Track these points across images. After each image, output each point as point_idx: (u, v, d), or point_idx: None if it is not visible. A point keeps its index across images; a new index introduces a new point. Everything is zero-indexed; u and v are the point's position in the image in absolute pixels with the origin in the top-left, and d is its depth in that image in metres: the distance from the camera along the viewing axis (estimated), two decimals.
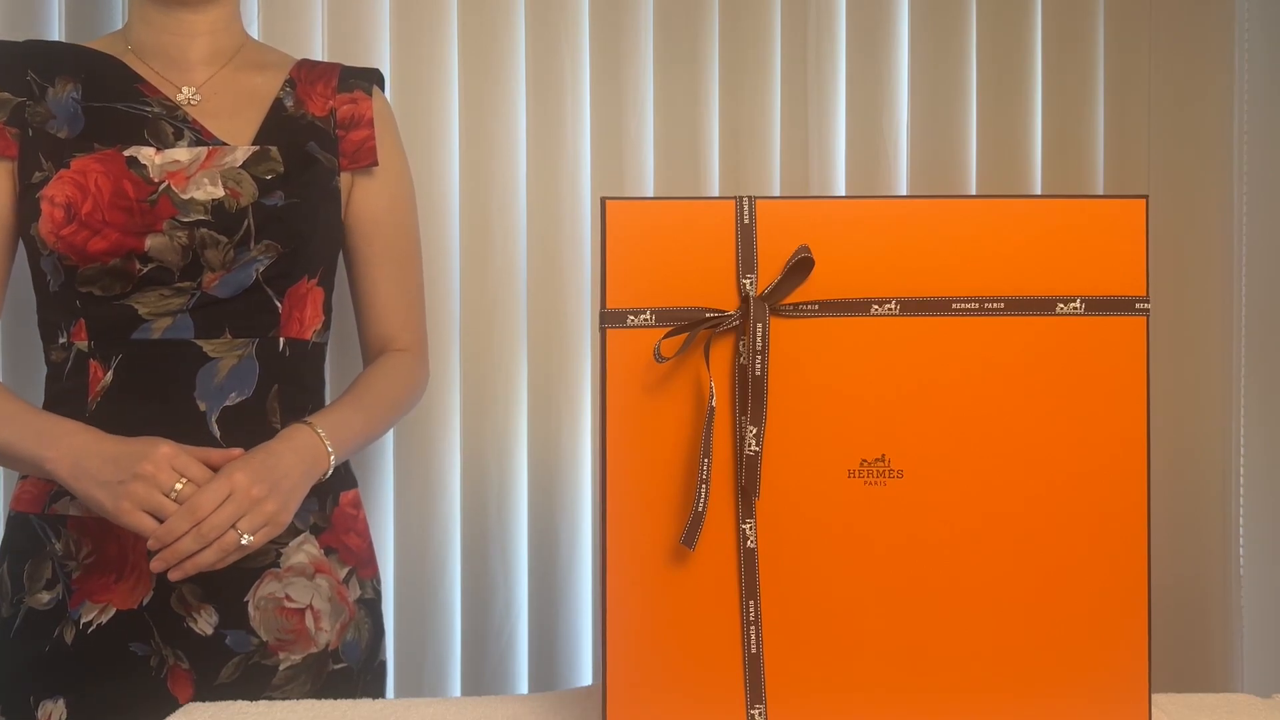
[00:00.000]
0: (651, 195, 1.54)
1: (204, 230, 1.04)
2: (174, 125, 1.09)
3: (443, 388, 1.51)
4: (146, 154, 1.06)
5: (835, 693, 0.75)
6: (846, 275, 0.75)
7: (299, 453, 1.02)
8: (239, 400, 1.07)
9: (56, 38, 1.40)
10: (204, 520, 0.92)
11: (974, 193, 1.59)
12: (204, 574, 1.04)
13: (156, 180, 1.05)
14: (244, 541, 0.94)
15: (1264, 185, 1.63)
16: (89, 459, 0.96)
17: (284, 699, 1.05)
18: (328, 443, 1.05)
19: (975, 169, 1.61)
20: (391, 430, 1.50)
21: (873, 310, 0.75)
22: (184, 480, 0.94)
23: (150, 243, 1.03)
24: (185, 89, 1.12)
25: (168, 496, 0.94)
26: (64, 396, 1.07)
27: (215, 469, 0.97)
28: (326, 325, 1.18)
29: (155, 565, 0.93)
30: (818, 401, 0.75)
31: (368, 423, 1.12)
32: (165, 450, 0.95)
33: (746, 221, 0.74)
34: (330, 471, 1.07)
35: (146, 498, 0.93)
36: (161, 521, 0.93)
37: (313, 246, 1.11)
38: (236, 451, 0.99)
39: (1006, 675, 0.75)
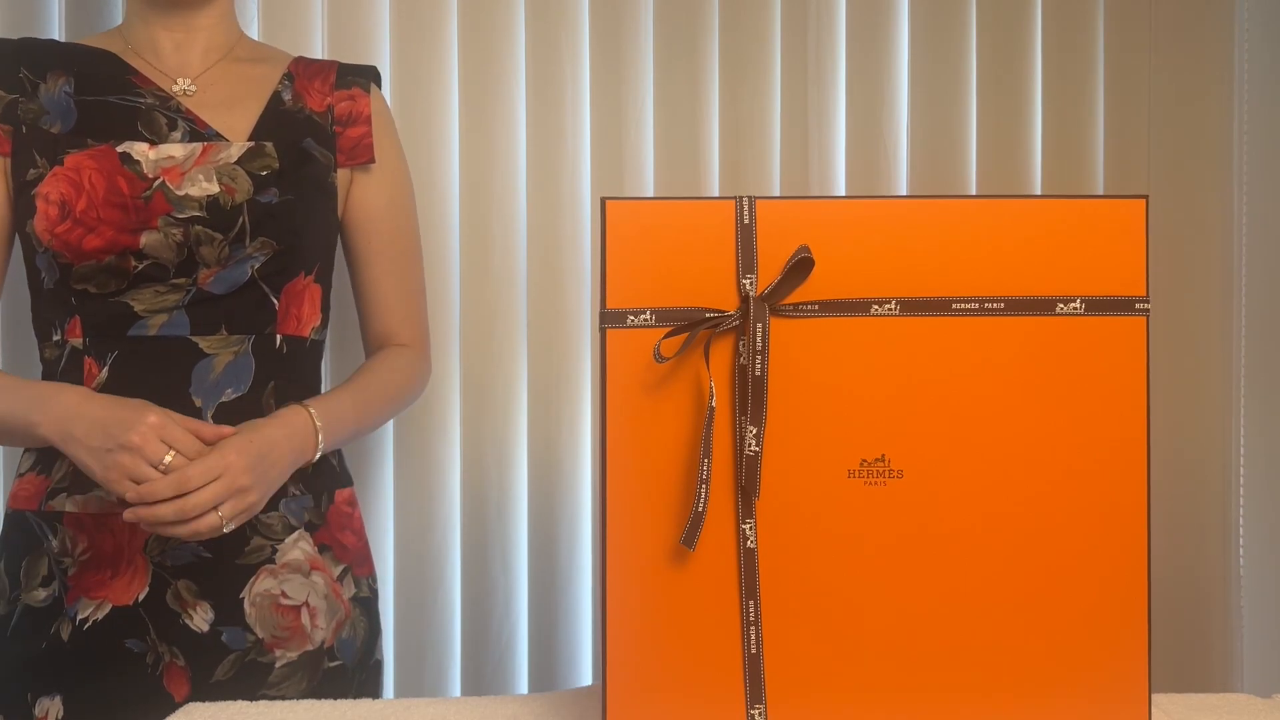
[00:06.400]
0: (651, 195, 1.54)
1: (199, 227, 1.04)
2: (168, 116, 1.09)
3: (443, 388, 1.51)
4: (140, 149, 1.05)
5: (835, 693, 0.75)
6: (846, 275, 0.74)
7: (292, 439, 1.02)
8: (235, 397, 1.07)
9: (55, 37, 1.40)
10: (189, 495, 0.92)
11: (974, 193, 1.59)
12: (199, 570, 1.05)
13: (151, 176, 1.04)
14: (226, 530, 0.94)
15: (1264, 185, 1.63)
16: (76, 423, 0.95)
17: (280, 696, 1.06)
18: (320, 430, 1.05)
19: (975, 169, 1.61)
20: (391, 429, 1.50)
21: (873, 310, 0.75)
22: (173, 453, 0.94)
23: (145, 239, 1.03)
24: (180, 80, 1.12)
25: (156, 468, 0.93)
26: None
27: (206, 443, 0.97)
28: (325, 323, 1.18)
29: (127, 515, 0.93)
30: (818, 401, 0.74)
31: (362, 414, 1.12)
32: (153, 420, 0.94)
33: (746, 221, 0.74)
34: (316, 458, 1.07)
35: (133, 469, 0.93)
36: None
37: (308, 243, 1.11)
38: (228, 430, 0.98)
39: (1006, 675, 0.75)
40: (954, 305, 0.75)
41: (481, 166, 1.51)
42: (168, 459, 0.93)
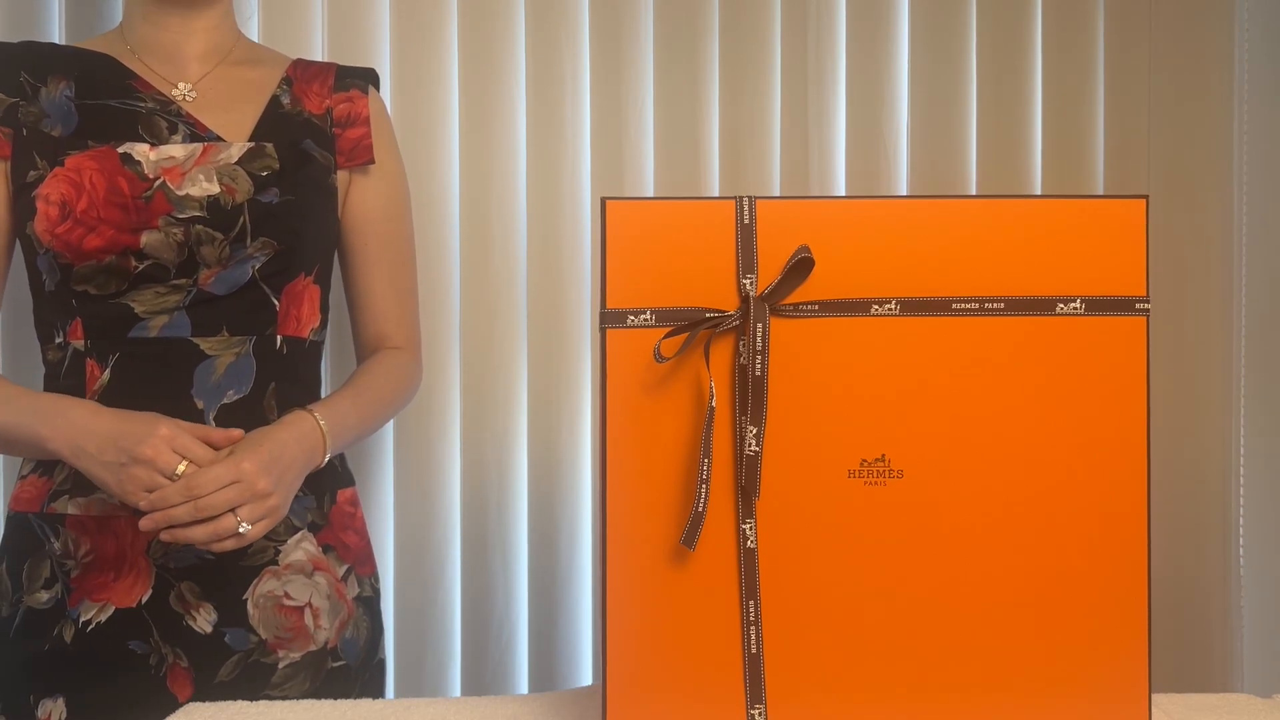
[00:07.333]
0: (651, 195, 1.54)
1: (199, 227, 1.04)
2: (168, 120, 1.09)
3: (443, 388, 1.51)
4: (141, 150, 1.06)
5: (835, 693, 0.75)
6: (846, 275, 0.74)
7: (301, 443, 1.02)
8: (236, 398, 1.07)
9: (55, 38, 1.40)
10: (202, 498, 0.92)
11: (974, 193, 1.59)
12: (202, 572, 1.05)
13: (151, 176, 1.04)
14: (242, 530, 0.94)
15: (1264, 185, 1.63)
16: (87, 438, 0.96)
17: (283, 697, 1.06)
18: (327, 434, 1.05)
19: (975, 169, 1.61)
20: (391, 429, 1.50)
21: (873, 310, 0.75)
22: (185, 462, 0.95)
23: (145, 239, 1.03)
24: (181, 85, 1.12)
25: (170, 479, 0.94)
26: None
27: (216, 448, 0.97)
28: (324, 324, 1.18)
29: (142, 523, 0.94)
30: (818, 401, 0.75)
31: (363, 418, 1.13)
32: (165, 431, 0.95)
33: (746, 221, 0.74)
34: (324, 464, 1.07)
35: (149, 481, 0.94)
36: None
37: (308, 244, 1.11)
38: (237, 433, 0.99)
39: (1006, 675, 0.75)
40: (954, 305, 0.75)
41: (481, 166, 1.51)
42: (180, 469, 0.94)
